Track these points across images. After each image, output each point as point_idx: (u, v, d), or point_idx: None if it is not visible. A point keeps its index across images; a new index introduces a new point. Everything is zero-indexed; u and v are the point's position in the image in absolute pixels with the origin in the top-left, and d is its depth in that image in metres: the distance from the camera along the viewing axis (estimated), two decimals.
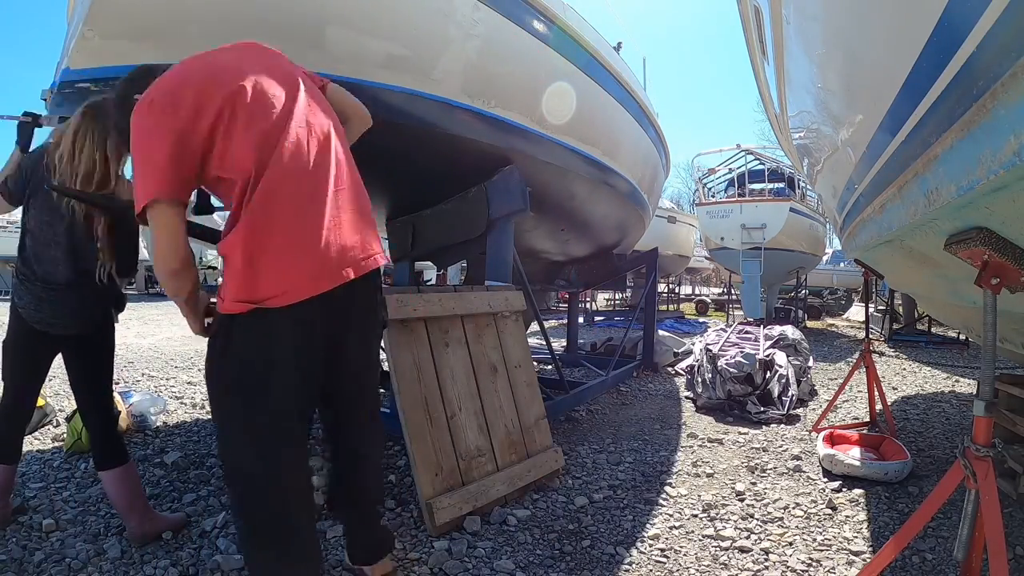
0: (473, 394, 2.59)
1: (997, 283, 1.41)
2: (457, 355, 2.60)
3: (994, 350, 1.49)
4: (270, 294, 1.22)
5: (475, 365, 2.66)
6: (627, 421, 4.07)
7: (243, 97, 1.27)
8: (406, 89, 2.49)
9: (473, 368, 2.64)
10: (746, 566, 2.04)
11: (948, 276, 2.01)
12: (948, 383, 5.75)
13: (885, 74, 1.46)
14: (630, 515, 2.46)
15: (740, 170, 12.00)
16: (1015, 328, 2.18)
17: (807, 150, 3.24)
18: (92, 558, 1.96)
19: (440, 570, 1.95)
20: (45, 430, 3.32)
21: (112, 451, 2.10)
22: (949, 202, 1.28)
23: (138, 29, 2.03)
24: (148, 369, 5.47)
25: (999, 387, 2.87)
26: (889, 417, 3.74)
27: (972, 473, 1.46)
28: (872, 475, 2.83)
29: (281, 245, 1.25)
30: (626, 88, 4.11)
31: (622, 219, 5.29)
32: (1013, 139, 0.96)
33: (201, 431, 3.39)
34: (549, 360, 4.47)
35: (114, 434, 2.14)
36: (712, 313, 16.52)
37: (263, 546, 1.32)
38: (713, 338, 5.93)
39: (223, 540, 2.08)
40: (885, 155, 1.71)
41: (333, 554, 2.04)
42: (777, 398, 4.42)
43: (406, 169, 2.99)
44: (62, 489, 2.50)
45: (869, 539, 2.25)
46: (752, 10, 2.62)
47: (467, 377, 2.60)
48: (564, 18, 3.14)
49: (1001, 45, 0.94)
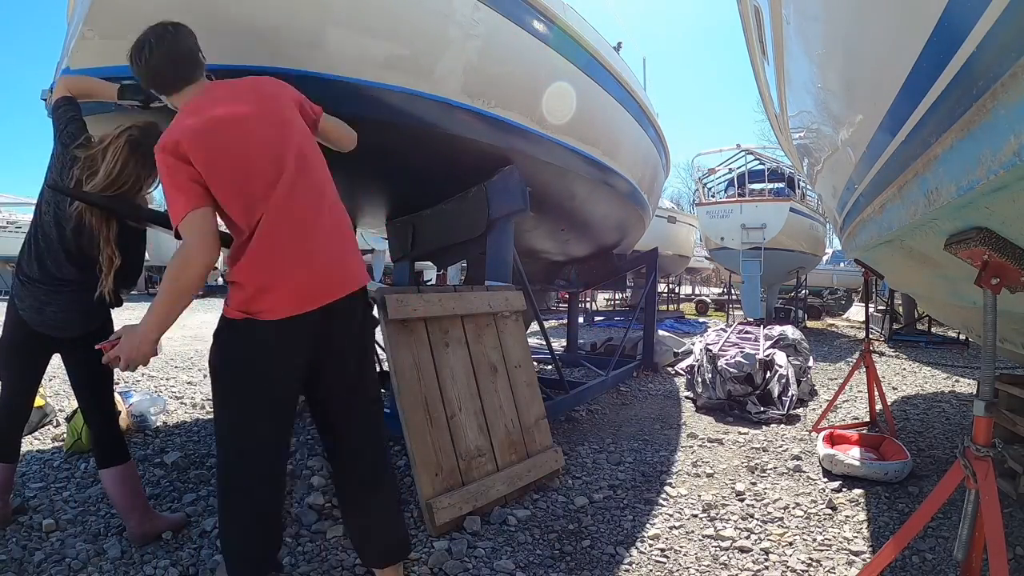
0: (473, 394, 2.60)
1: (997, 283, 1.41)
2: (457, 355, 2.60)
3: (994, 350, 1.49)
4: (260, 309, 1.48)
5: (475, 365, 2.66)
6: (627, 421, 4.07)
7: (226, 162, 1.48)
8: (406, 89, 2.49)
9: (473, 368, 2.64)
10: (746, 566, 2.04)
11: (948, 276, 2.01)
12: (948, 383, 5.76)
13: (885, 74, 1.46)
14: (630, 515, 2.46)
15: (740, 170, 12.01)
16: (1015, 328, 2.18)
17: (807, 150, 3.24)
18: (92, 558, 1.96)
19: (440, 570, 1.95)
20: (45, 430, 3.32)
21: (113, 450, 2.10)
22: (949, 202, 1.28)
23: (138, 29, 2.03)
24: (148, 369, 5.47)
25: (999, 387, 2.87)
26: (889, 417, 3.74)
27: (972, 473, 1.46)
28: (872, 475, 2.83)
29: (276, 275, 1.50)
30: (626, 88, 4.11)
31: (622, 219, 5.29)
32: (1013, 139, 0.96)
33: (201, 431, 3.39)
34: (549, 360, 4.47)
35: (115, 433, 2.14)
36: (712, 313, 16.53)
37: (226, 508, 1.58)
38: (713, 338, 5.93)
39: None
40: (885, 155, 1.71)
41: (333, 554, 2.04)
42: (777, 398, 4.42)
43: (406, 169, 2.99)
44: (62, 489, 2.50)
45: (869, 539, 2.25)
46: (752, 10, 2.62)
47: (467, 377, 2.60)
48: (564, 18, 3.14)
49: (1001, 45, 0.94)
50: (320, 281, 1.54)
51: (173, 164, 1.44)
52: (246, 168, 1.50)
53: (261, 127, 1.55)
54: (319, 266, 1.55)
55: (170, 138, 1.46)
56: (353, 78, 2.31)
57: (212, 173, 1.45)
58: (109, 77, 2.04)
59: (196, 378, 5.12)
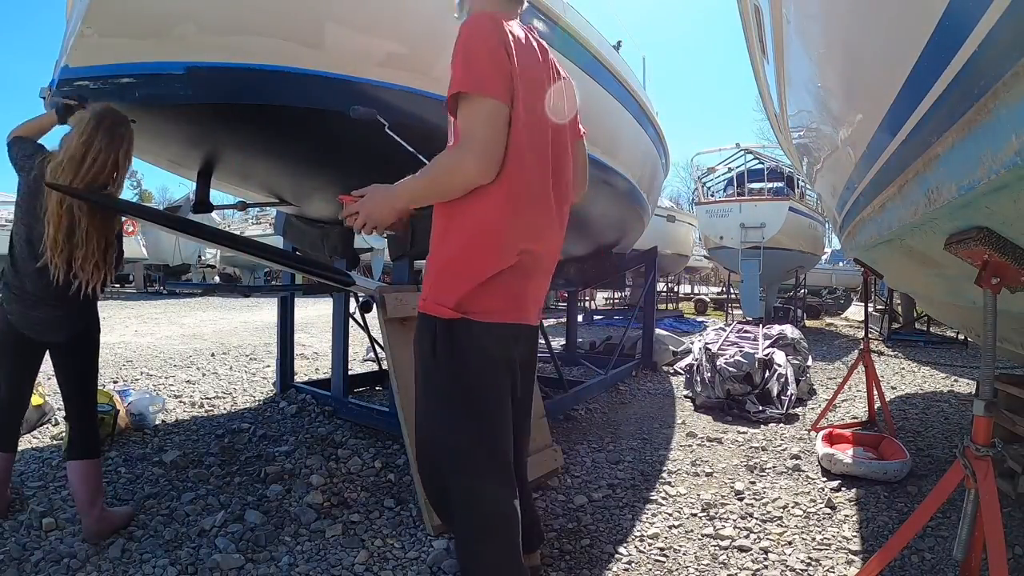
0: None
1: (997, 283, 1.41)
2: None
3: (994, 350, 1.49)
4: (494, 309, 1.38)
5: None
6: (626, 420, 4.07)
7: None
8: (406, 87, 2.49)
9: None
10: (745, 565, 2.04)
11: (948, 276, 2.01)
12: (947, 382, 5.76)
13: (886, 73, 1.46)
14: (629, 514, 2.46)
15: (739, 169, 12.01)
16: (1015, 328, 2.18)
17: (807, 149, 3.24)
18: (91, 557, 1.95)
19: (439, 569, 1.95)
20: (43, 429, 3.32)
21: (84, 444, 2.11)
22: (949, 202, 1.28)
23: (137, 27, 2.03)
24: (147, 368, 5.46)
25: (999, 387, 2.87)
26: (888, 416, 3.75)
27: (972, 473, 1.46)
28: (871, 474, 2.83)
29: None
30: (626, 87, 4.11)
31: (621, 218, 5.29)
32: (1014, 139, 0.95)
33: (200, 430, 3.39)
34: (548, 359, 4.47)
35: (91, 429, 2.15)
36: (711, 312, 16.53)
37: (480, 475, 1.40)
38: (712, 337, 5.93)
39: (222, 539, 2.08)
40: (885, 154, 1.71)
41: (332, 553, 2.04)
42: (776, 397, 4.42)
43: (406, 168, 2.99)
44: (61, 488, 2.50)
45: (868, 538, 2.26)
46: (752, 10, 2.62)
47: None
48: (565, 18, 3.14)
49: (1003, 44, 0.94)
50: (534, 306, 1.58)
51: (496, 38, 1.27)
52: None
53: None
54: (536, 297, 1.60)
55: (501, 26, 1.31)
56: (353, 76, 2.30)
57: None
58: (108, 76, 2.04)
59: (195, 377, 5.12)
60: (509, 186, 1.31)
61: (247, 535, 2.12)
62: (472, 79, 1.24)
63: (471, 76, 1.24)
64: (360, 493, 2.52)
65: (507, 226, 1.34)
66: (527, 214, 1.37)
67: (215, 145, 2.73)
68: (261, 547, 2.06)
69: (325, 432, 3.26)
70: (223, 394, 4.38)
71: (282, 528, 2.20)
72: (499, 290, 1.37)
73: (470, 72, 1.24)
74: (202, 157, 2.87)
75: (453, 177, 1.28)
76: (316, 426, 3.43)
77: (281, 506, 2.37)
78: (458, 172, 1.27)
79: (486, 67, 1.25)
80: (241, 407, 3.99)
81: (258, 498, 2.43)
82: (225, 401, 4.16)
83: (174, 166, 3.17)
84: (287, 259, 2.78)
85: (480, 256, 1.35)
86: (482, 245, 1.35)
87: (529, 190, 1.37)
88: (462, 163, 1.26)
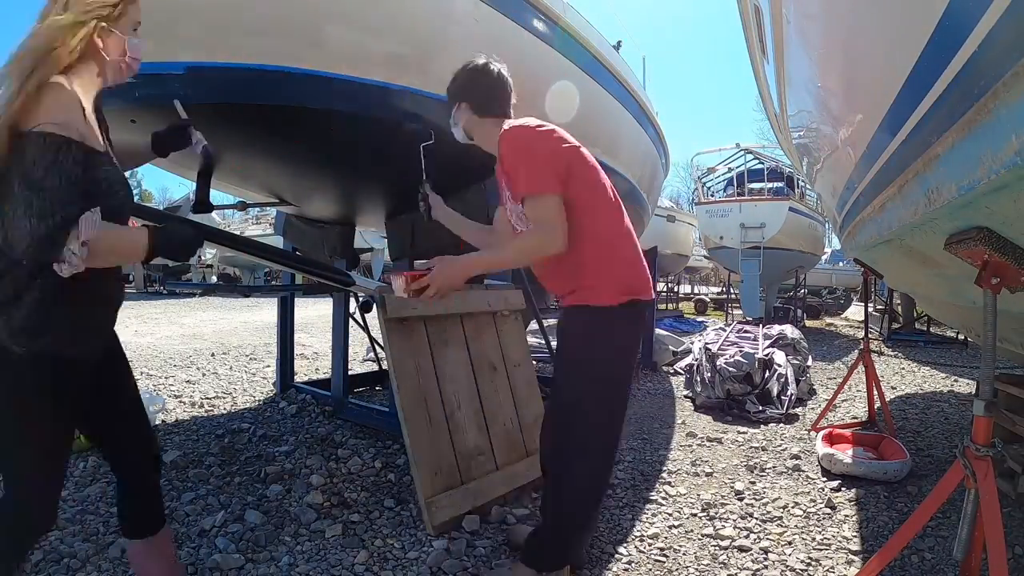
0: (472, 393, 2.59)
1: (997, 283, 1.41)
2: (456, 354, 2.59)
3: (994, 350, 1.49)
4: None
5: (474, 364, 2.66)
6: (626, 420, 4.06)
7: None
8: (406, 87, 2.49)
9: (472, 367, 2.64)
10: (745, 565, 2.04)
11: (948, 276, 2.01)
12: (947, 382, 5.76)
13: (886, 73, 1.46)
14: (629, 514, 2.46)
15: (739, 169, 12.02)
16: (1015, 328, 2.18)
17: (807, 149, 3.24)
18: (91, 557, 1.95)
19: (439, 569, 1.95)
20: None
21: (151, 508, 1.59)
22: (949, 201, 1.28)
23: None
24: (147, 368, 5.46)
25: (999, 387, 2.87)
26: (888, 416, 3.74)
27: (972, 473, 1.46)
28: (871, 474, 2.83)
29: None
30: (626, 87, 4.11)
31: None
32: (1014, 139, 0.96)
33: (200, 429, 3.39)
34: (549, 359, 4.47)
35: (157, 481, 1.62)
36: (711, 312, 16.52)
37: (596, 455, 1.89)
38: (712, 337, 5.93)
39: (222, 539, 2.08)
40: (885, 154, 1.71)
41: (332, 553, 2.04)
42: (776, 397, 4.42)
43: (405, 168, 2.99)
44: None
45: (868, 538, 2.26)
46: (752, 10, 2.62)
47: (466, 376, 2.60)
48: (565, 18, 3.14)
49: (1003, 44, 0.94)
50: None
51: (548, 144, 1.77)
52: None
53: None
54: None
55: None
56: (353, 76, 2.30)
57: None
58: None
59: (194, 376, 5.12)
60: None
61: (247, 535, 2.12)
62: (536, 182, 1.66)
63: (534, 180, 1.67)
64: (360, 493, 2.52)
65: None
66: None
67: (215, 145, 2.72)
68: (261, 547, 2.06)
69: (325, 432, 3.26)
70: (223, 394, 4.38)
71: (282, 528, 2.20)
72: None
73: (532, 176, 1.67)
74: (202, 157, 2.86)
75: (544, 252, 1.66)
76: (316, 426, 3.43)
77: (281, 506, 2.37)
78: (551, 247, 1.63)
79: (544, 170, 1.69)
80: (241, 407, 3.98)
81: (258, 498, 2.43)
82: (225, 401, 4.16)
83: (174, 166, 3.17)
84: (287, 259, 2.78)
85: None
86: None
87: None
88: (555, 242, 1.62)
